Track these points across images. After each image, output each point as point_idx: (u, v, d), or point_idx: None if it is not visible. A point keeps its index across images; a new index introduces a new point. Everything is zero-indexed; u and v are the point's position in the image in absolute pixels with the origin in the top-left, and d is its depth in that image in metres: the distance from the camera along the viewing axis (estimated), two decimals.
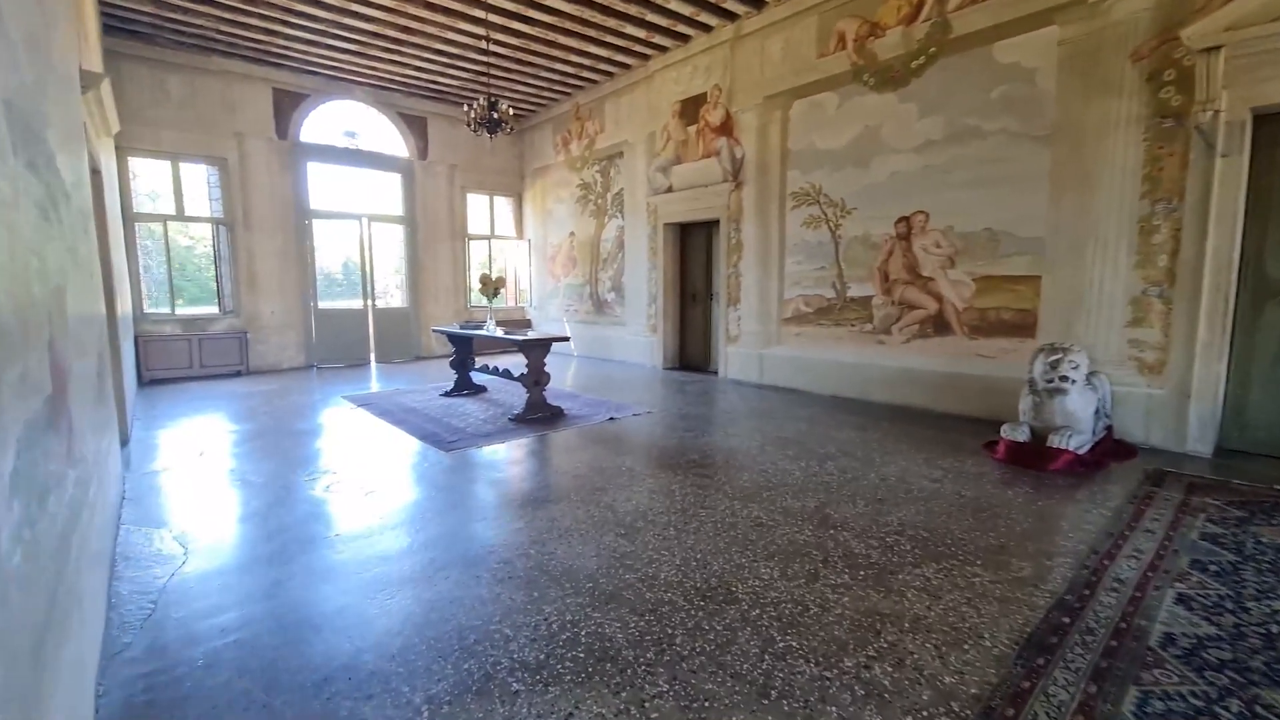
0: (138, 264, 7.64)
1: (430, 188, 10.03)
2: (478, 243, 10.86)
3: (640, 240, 8.64)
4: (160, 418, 5.55)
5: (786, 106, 6.54)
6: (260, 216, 8.45)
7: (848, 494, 3.41)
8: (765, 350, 7.02)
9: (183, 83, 7.80)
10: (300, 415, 5.63)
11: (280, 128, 8.57)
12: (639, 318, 8.82)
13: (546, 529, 2.94)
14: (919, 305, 5.57)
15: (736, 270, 7.28)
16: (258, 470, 3.94)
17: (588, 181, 9.57)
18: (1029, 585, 2.38)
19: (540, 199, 10.71)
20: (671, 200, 8.06)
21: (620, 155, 8.89)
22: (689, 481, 3.63)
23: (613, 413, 5.55)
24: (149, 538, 2.87)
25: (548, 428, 5.04)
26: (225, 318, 8.35)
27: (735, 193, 7.19)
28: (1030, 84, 4.77)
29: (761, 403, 6.06)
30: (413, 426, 5.10)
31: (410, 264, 10.02)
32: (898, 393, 5.76)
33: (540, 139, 10.55)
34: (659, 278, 8.38)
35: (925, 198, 5.45)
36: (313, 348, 9.04)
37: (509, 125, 6.26)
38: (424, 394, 6.65)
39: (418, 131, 9.86)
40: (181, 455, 4.29)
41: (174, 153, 7.80)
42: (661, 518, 3.07)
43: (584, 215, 9.74)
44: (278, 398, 6.56)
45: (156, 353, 7.64)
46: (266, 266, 8.55)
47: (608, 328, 9.50)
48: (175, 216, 7.97)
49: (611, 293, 9.36)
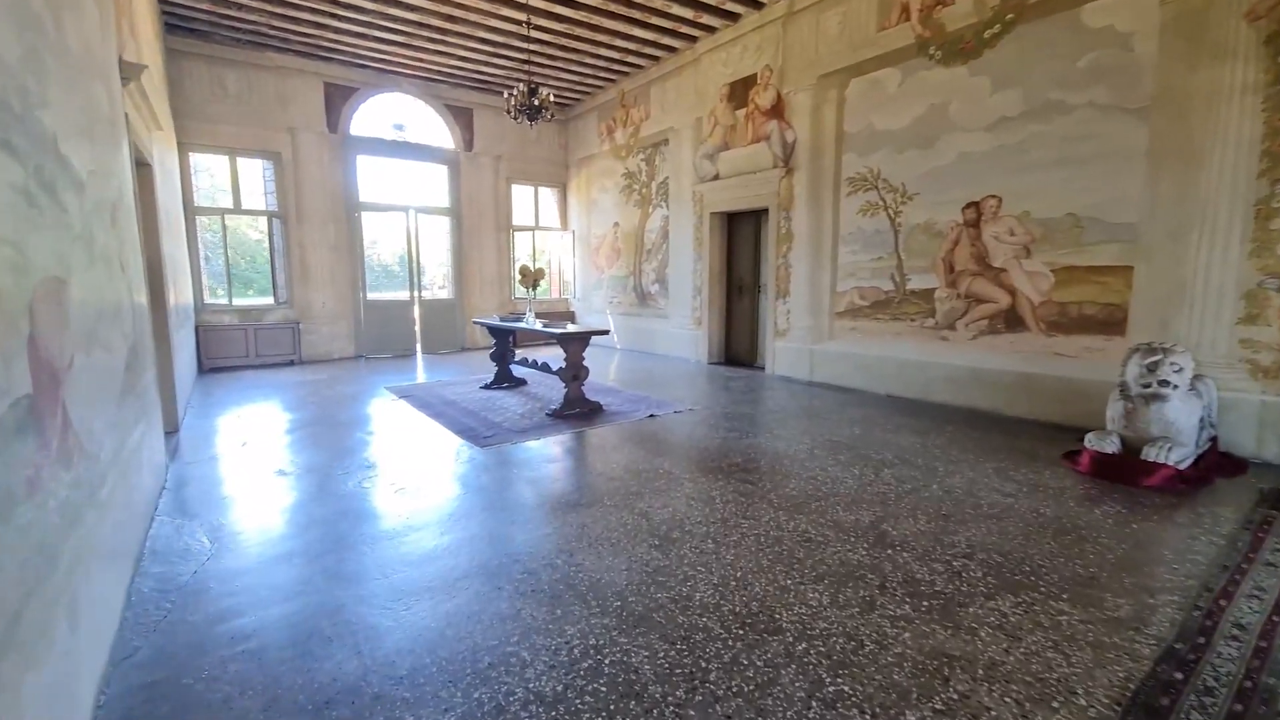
0: (199, 256, 7.91)
1: (475, 179, 10.03)
2: (522, 234, 10.82)
3: (685, 230, 8.36)
4: (214, 406, 5.69)
5: (843, 86, 6.12)
6: (312, 209, 8.62)
7: (907, 508, 3.09)
8: (816, 345, 6.64)
9: (239, 79, 8.00)
10: (344, 406, 5.67)
11: (331, 121, 8.70)
12: (683, 310, 8.56)
13: (576, 536, 2.76)
14: (989, 299, 5.10)
15: (786, 261, 6.91)
16: (296, 462, 3.92)
17: (632, 170, 9.35)
18: (1128, 628, 2.03)
19: (585, 189, 10.55)
20: (718, 188, 7.74)
21: (665, 142, 8.62)
22: (731, 488, 3.39)
23: (653, 409, 5.34)
24: (180, 531, 2.85)
25: (585, 424, 4.87)
26: (279, 308, 8.57)
27: (785, 179, 6.81)
28: (1125, 50, 4.23)
29: (811, 401, 5.72)
30: (450, 420, 5.03)
31: (455, 255, 10.06)
32: (962, 394, 5.31)
33: (585, 128, 10.38)
34: (704, 269, 8.09)
35: (998, 180, 4.97)
36: (361, 338, 9.20)
37: (549, 112, 6.09)
38: (464, 386, 6.62)
39: (463, 123, 9.86)
40: (226, 445, 4.34)
41: (232, 148, 8.02)
42: (699, 528, 2.84)
43: (628, 205, 9.53)
44: (325, 387, 6.66)
45: (215, 342, 7.91)
46: (318, 258, 8.72)
47: (651, 320, 9.28)
48: (233, 210, 8.21)
49: (655, 284, 9.12)
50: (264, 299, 8.78)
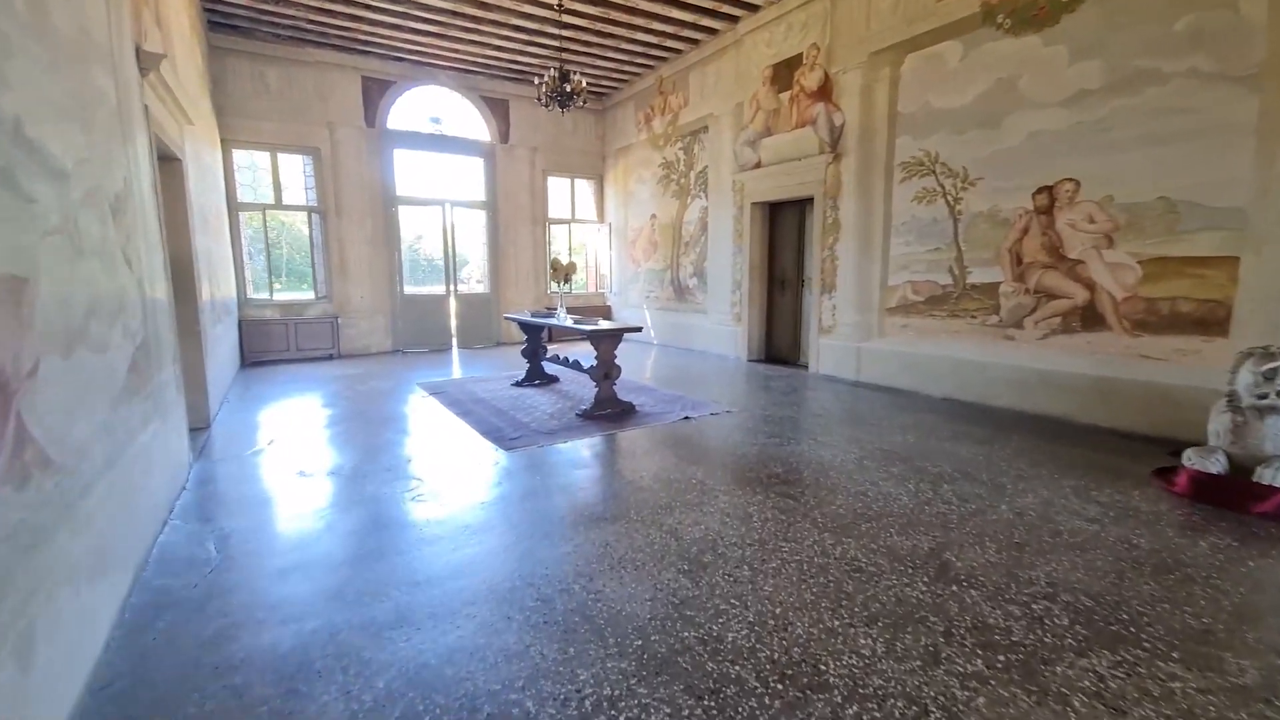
0: (241, 251, 8.03)
1: (511, 171, 9.90)
2: (558, 227, 10.65)
3: (725, 221, 8.01)
4: (251, 400, 5.71)
5: (896, 63, 5.66)
6: (350, 204, 8.65)
7: (973, 532, 2.72)
8: (864, 343, 6.22)
9: (280, 75, 8.05)
10: (374, 402, 5.60)
11: (369, 115, 8.70)
12: (722, 305, 8.22)
13: (598, 556, 2.52)
14: (1062, 293, 4.60)
15: (832, 253, 6.50)
16: (316, 463, 3.82)
17: (670, 160, 9.03)
18: (1257, 698, 1.66)
19: (622, 180, 10.30)
20: (760, 177, 7.36)
21: (705, 130, 8.27)
22: (770, 503, 3.08)
23: (688, 411, 5.06)
24: (190, 538, 2.74)
25: (616, 426, 4.63)
26: (319, 302, 8.65)
27: (833, 165, 6.38)
28: (1231, 9, 3.69)
29: (859, 404, 5.32)
30: (477, 419, 4.87)
31: (491, 249, 9.97)
32: (1030, 398, 4.83)
33: (622, 117, 10.11)
34: (744, 262, 7.73)
35: (1075, 161, 4.46)
36: (398, 333, 9.21)
37: (582, 98, 5.85)
38: (496, 383, 6.48)
39: (500, 114, 9.73)
40: (255, 442, 4.29)
41: (273, 144, 8.09)
42: (734, 551, 2.56)
43: (666, 196, 9.22)
44: (359, 383, 6.63)
45: (257, 336, 8.02)
46: (356, 253, 8.76)
47: (689, 315, 8.97)
48: (274, 206, 8.30)
49: (693, 278, 8.80)
50: (305, 293, 8.87)
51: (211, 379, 4.92)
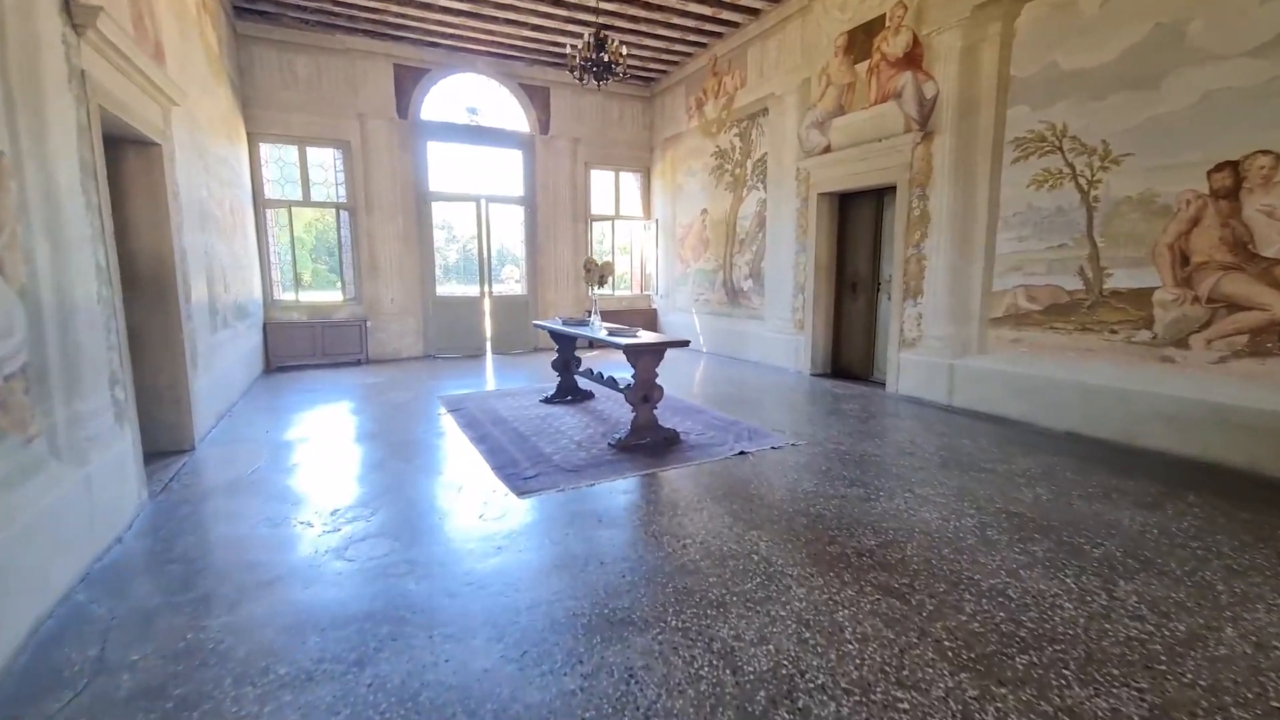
0: (268, 249, 7.63)
1: (551, 164, 9.21)
2: (601, 224, 9.91)
3: (786, 215, 7.04)
4: (258, 414, 5.18)
5: (1009, 15, 4.58)
6: (381, 200, 8.15)
7: (1200, 681, 1.74)
8: (959, 360, 5.15)
9: (309, 64, 7.61)
10: (385, 420, 4.96)
11: (401, 106, 8.17)
12: (781, 311, 7.25)
13: (614, 701, 1.69)
14: (1252, 303, 3.46)
15: (919, 251, 5.45)
16: (290, 502, 3.15)
17: (724, 148, 8.11)
18: None
19: (670, 172, 9.45)
20: (829, 163, 6.36)
21: (764, 113, 7.32)
22: (866, 604, 2.18)
23: (744, 442, 4.17)
24: (64, 643, 2.07)
25: (655, 462, 3.80)
26: (347, 304, 8.18)
27: (921, 146, 5.34)
28: None
29: (957, 437, 4.30)
30: (494, 447, 4.13)
31: (529, 248, 9.31)
32: (1196, 440, 3.70)
33: (671, 103, 9.26)
34: (809, 262, 6.74)
35: (1273, 130, 3.32)
36: (430, 337, 8.67)
37: (622, 68, 5.03)
38: (524, 398, 5.75)
39: (539, 103, 9.05)
40: (234, 474, 3.68)
41: (301, 137, 7.66)
42: (825, 707, 1.67)
43: (718, 188, 8.31)
44: (378, 393, 6.05)
45: (283, 340, 7.60)
46: (386, 251, 8.25)
47: (743, 321, 8.03)
48: (301, 202, 7.88)
49: (748, 280, 7.86)
50: (333, 294, 8.43)
51: (202, 393, 4.37)
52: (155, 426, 3.95)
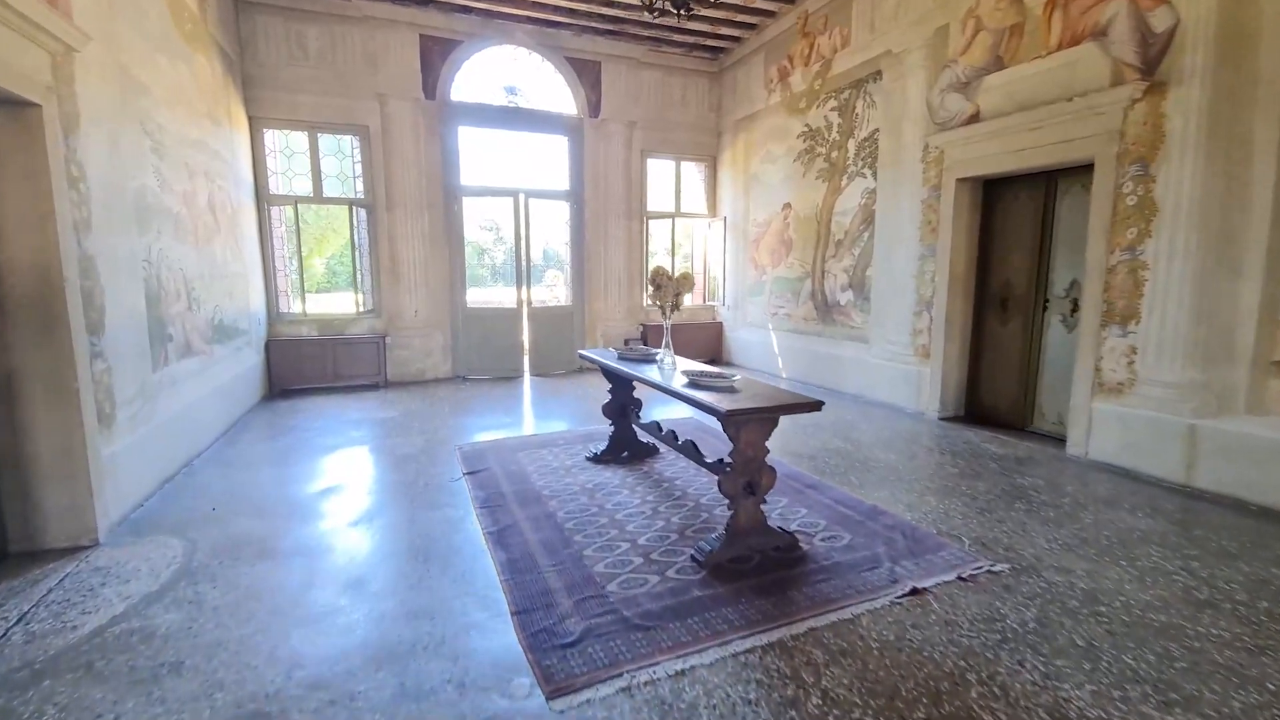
0: (272, 254, 6.52)
1: (602, 152, 7.82)
2: (658, 222, 8.46)
3: (905, 209, 5.42)
4: (218, 473, 3.96)
5: None
6: (404, 194, 6.93)
7: None
8: (1209, 420, 3.45)
9: (321, 35, 6.45)
10: (383, 489, 3.67)
11: (428, 85, 6.93)
12: (895, 332, 5.63)
13: None
14: None
15: (1133, 256, 3.77)
16: (159, 703, 1.84)
17: (816, 127, 6.53)
18: None
19: (742, 160, 7.91)
20: (976, 137, 4.72)
21: (874, 78, 5.71)
22: None
23: (905, 562, 2.64)
24: None
25: (775, 607, 2.31)
26: (363, 317, 7.01)
27: (1144, 104, 3.66)
28: None
29: (1256, 554, 2.64)
30: (518, 557, 2.74)
31: (575, 250, 7.94)
32: None
33: (745, 77, 7.72)
34: (940, 268, 5.11)
35: None
36: (459, 354, 7.42)
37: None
38: (564, 452, 4.36)
39: (589, 80, 7.67)
40: (126, 601, 2.41)
41: (312, 122, 6.52)
42: None
43: (807, 177, 6.73)
44: (385, 437, 4.79)
45: (288, 359, 6.48)
46: (410, 255, 7.04)
47: (838, 344, 6.43)
48: (311, 198, 6.74)
49: (847, 291, 6.26)
50: (346, 306, 7.24)
51: (123, 458, 3.14)
52: (36, 514, 2.74)
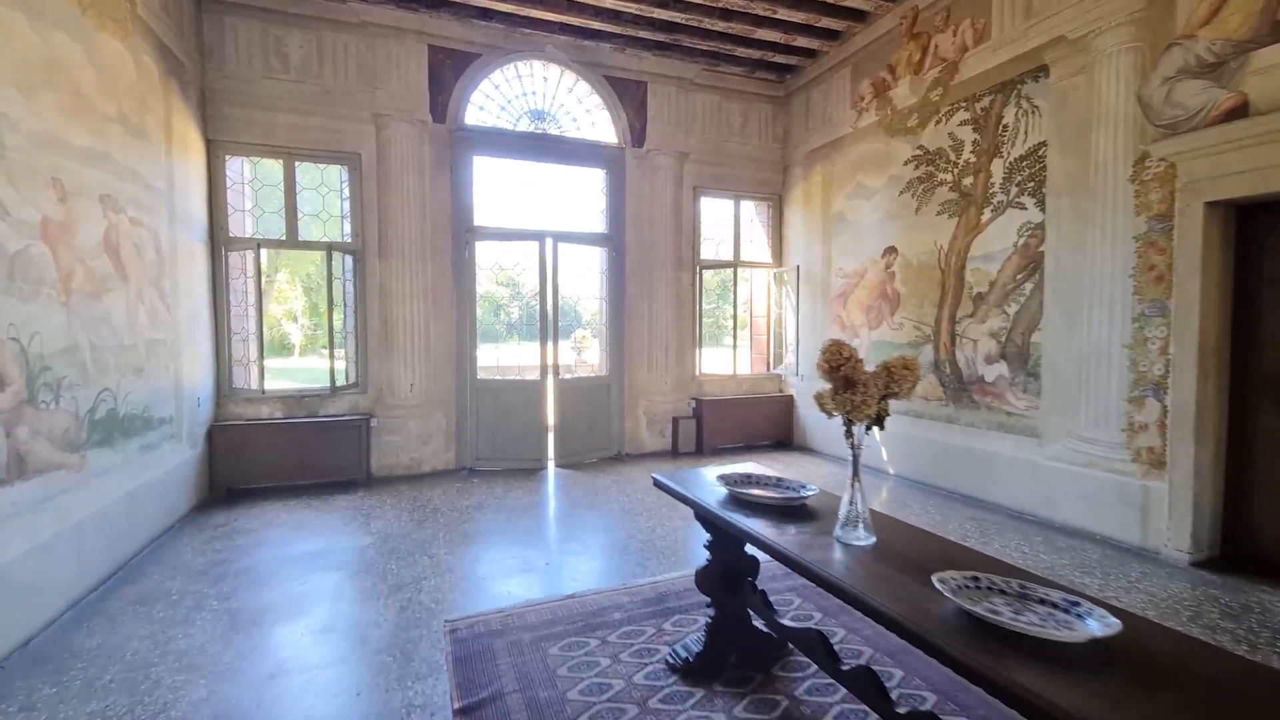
0: (227, 312, 5.03)
1: (646, 189, 6.39)
2: (715, 273, 6.94)
3: (1105, 247, 3.80)
4: (58, 665, 2.28)
5: None
6: (401, 239, 5.48)
7: None
8: None
9: (306, 41, 5.17)
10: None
11: (437, 105, 5.60)
12: (1096, 426, 3.89)
13: None
14: None
15: None
16: None
17: (935, 148, 5.03)
18: None
19: (818, 197, 6.43)
20: (1242, 140, 3.14)
21: (1034, 76, 4.22)
22: None
23: None
24: None
25: None
26: (344, 394, 5.43)
27: None
28: None
29: None
30: None
31: (612, 307, 6.40)
32: None
33: (823, 99, 6.34)
34: (1178, 335, 3.43)
35: None
36: (465, 440, 5.78)
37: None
38: (630, 645, 2.60)
39: (633, 104, 6.33)
40: None
41: (289, 148, 5.15)
42: None
43: (923, 212, 5.18)
44: (342, 593, 3.10)
45: (241, 448, 4.87)
46: (407, 314, 5.52)
47: (982, 434, 4.69)
48: (283, 242, 5.29)
49: (998, 363, 4.56)
50: (319, 380, 5.63)
51: None
52: None
